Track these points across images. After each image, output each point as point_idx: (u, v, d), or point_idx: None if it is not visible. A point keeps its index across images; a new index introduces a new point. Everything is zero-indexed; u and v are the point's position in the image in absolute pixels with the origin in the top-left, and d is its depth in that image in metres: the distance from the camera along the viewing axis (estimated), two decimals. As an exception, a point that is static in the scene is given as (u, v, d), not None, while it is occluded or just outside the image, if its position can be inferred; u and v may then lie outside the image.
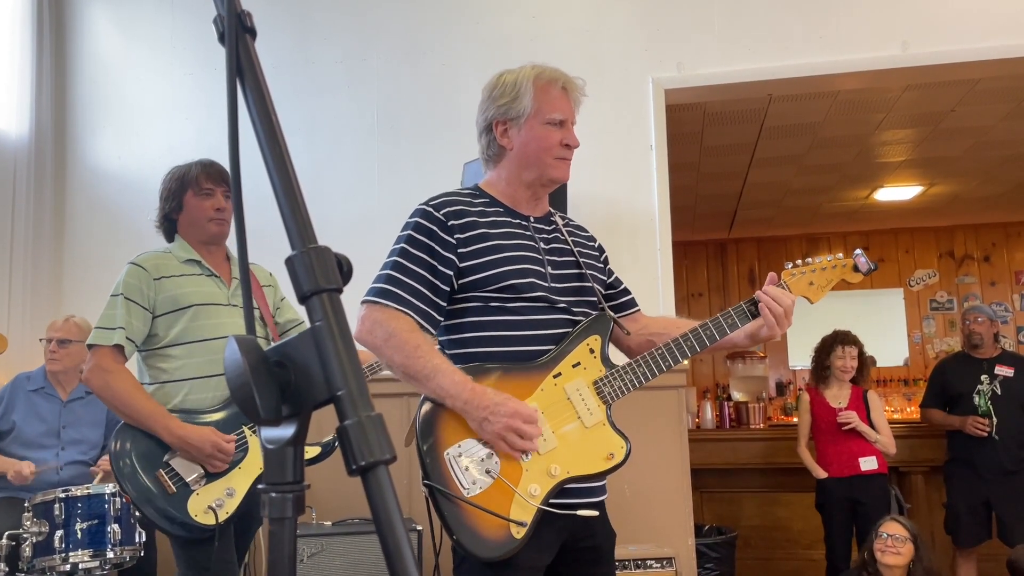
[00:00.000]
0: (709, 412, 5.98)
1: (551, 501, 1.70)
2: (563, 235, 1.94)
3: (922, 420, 4.99)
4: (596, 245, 2.05)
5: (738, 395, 6.80)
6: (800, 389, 6.55)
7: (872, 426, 4.40)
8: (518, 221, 1.88)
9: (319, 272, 0.54)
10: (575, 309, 1.87)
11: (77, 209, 4.45)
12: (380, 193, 4.20)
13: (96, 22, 4.60)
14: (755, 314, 1.87)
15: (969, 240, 8.00)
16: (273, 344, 0.56)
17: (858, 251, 2.06)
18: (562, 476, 1.71)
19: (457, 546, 1.64)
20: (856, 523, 4.37)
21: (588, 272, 1.93)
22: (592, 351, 1.82)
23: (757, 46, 3.97)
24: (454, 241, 1.77)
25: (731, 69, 3.98)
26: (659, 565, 3.15)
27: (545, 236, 1.91)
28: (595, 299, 1.92)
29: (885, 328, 7.68)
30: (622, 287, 2.06)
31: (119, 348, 2.34)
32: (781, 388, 7.79)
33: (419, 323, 1.73)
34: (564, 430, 1.75)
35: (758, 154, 5.67)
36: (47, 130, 4.35)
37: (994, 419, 4.41)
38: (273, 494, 0.54)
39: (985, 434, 4.39)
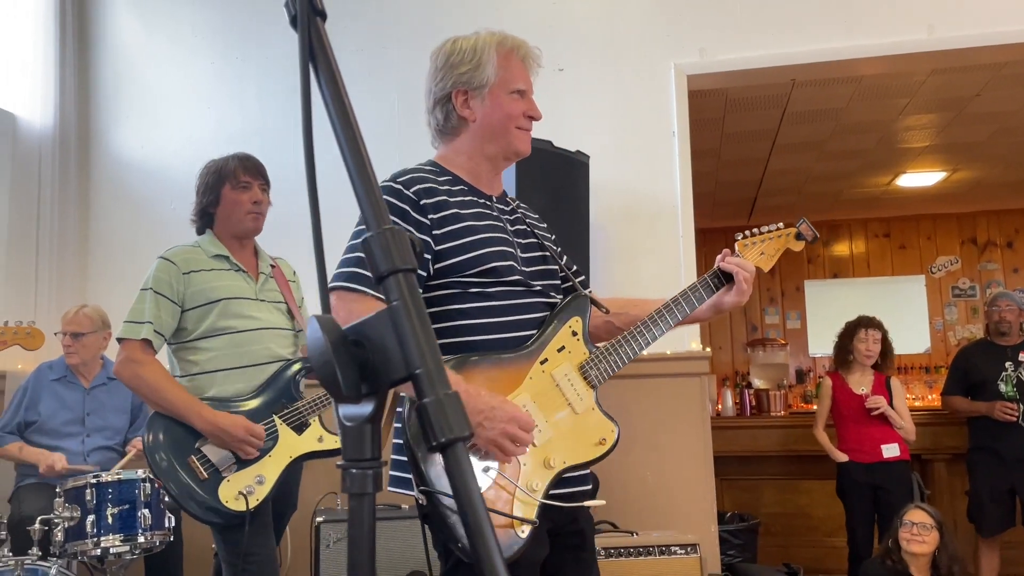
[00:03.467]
0: (729, 400, 5.97)
1: (551, 493, 1.64)
2: (522, 216, 1.89)
3: (944, 407, 4.96)
4: (546, 226, 1.99)
5: (759, 383, 6.78)
6: (821, 376, 6.53)
7: None
8: (483, 201, 1.79)
9: (395, 252, 0.54)
10: (551, 292, 1.82)
11: (101, 198, 4.49)
12: (401, 181, 4.20)
13: (118, 13, 4.62)
14: (718, 286, 1.90)
15: (992, 226, 7.92)
16: (351, 324, 0.57)
17: (802, 220, 2.11)
18: (559, 467, 1.66)
19: (461, 553, 1.55)
20: (878, 510, 4.36)
21: (550, 254, 1.88)
22: (575, 333, 1.77)
23: (780, 31, 3.94)
24: (428, 222, 1.66)
25: (754, 54, 3.95)
26: (683, 551, 3.15)
27: (508, 218, 1.84)
28: (560, 281, 1.88)
29: (906, 315, 7.62)
30: (575, 268, 2.00)
31: (147, 342, 2.38)
32: (801, 376, 7.76)
33: None
34: (557, 418, 1.69)
35: (779, 140, 5.64)
36: (71, 120, 4.38)
37: (1020, 406, 4.38)
38: (353, 471, 0.55)
39: (1014, 419, 4.36)
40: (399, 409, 1.66)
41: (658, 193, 3.96)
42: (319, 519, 3.22)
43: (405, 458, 1.61)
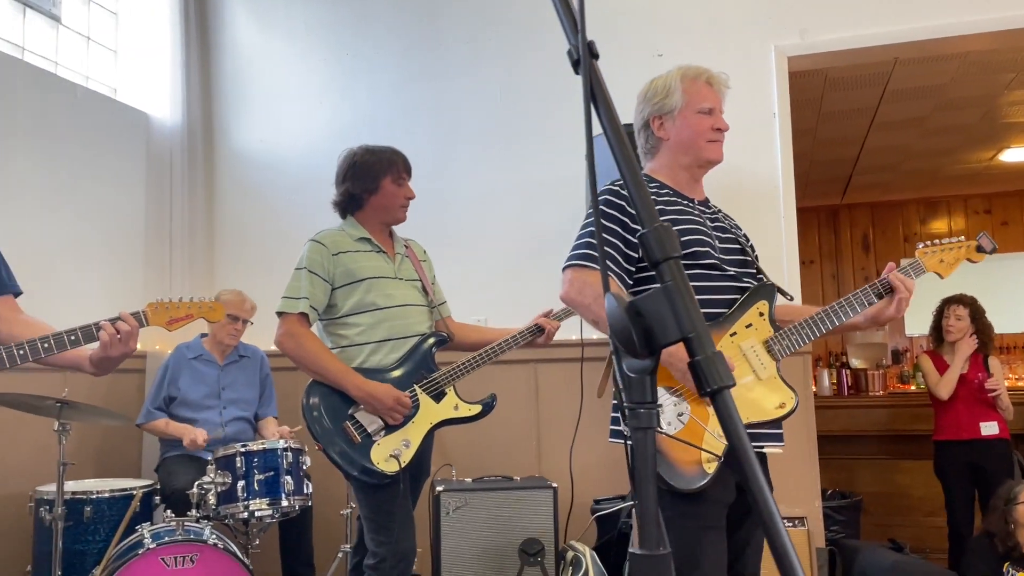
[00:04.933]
0: (826, 380, 5.97)
1: None
2: (721, 218, 2.19)
3: (1052, 387, 4.89)
4: (744, 233, 2.25)
5: (856, 362, 6.73)
6: (917, 356, 6.44)
7: None
8: (686, 203, 2.10)
9: (667, 244, 0.70)
10: (743, 278, 2.08)
11: (225, 189, 4.80)
12: (503, 168, 4.36)
13: (236, 15, 4.90)
14: (880, 296, 2.11)
15: (1100, 201, 7.63)
16: (629, 299, 0.72)
17: (982, 233, 2.27)
18: (743, 421, 1.91)
19: (660, 483, 1.84)
20: (978, 488, 4.35)
21: (746, 250, 2.15)
22: (761, 314, 2.03)
23: (882, 9, 3.92)
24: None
25: (855, 34, 3.95)
26: (791, 524, 3.26)
27: (709, 216, 2.14)
28: (755, 271, 2.13)
29: (1009, 293, 7.41)
30: (764, 273, 2.25)
31: (304, 316, 2.60)
32: (897, 356, 7.66)
33: (618, 285, 1.96)
34: (742, 382, 1.96)
35: (879, 118, 5.58)
36: (196, 118, 4.69)
37: None
38: (641, 410, 0.71)
39: None
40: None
41: (759, 175, 4.02)
42: (439, 488, 3.42)
43: (618, 414, 1.92)
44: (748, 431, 1.92)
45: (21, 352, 1.80)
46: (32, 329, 1.94)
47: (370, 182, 2.72)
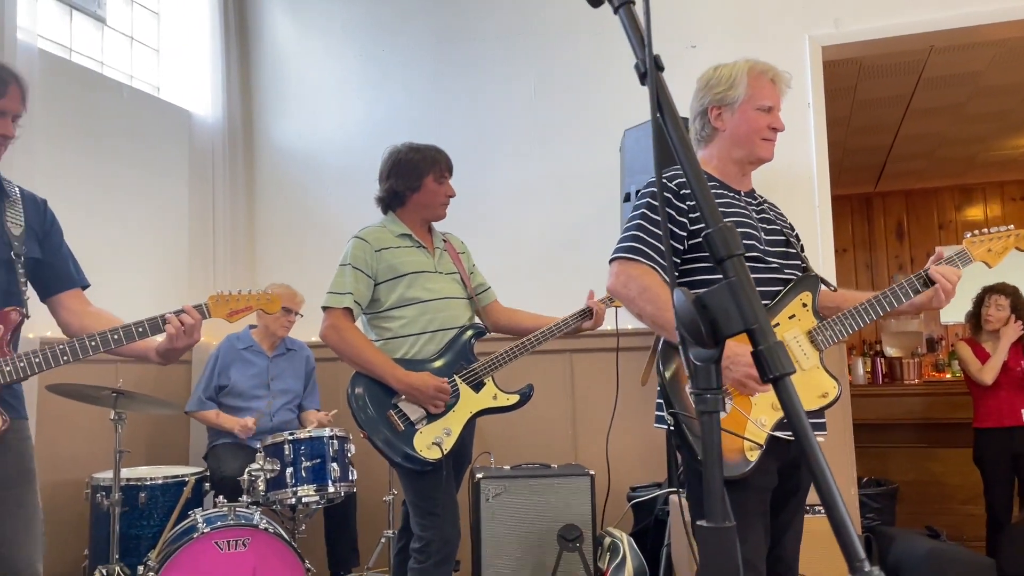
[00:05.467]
0: (860, 368, 5.97)
1: (775, 433, 1.93)
2: (767, 209, 2.20)
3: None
4: (789, 223, 2.27)
5: (891, 351, 6.71)
6: (952, 344, 6.41)
7: None
8: (732, 195, 2.12)
9: (731, 243, 0.76)
10: (785, 269, 2.10)
11: (265, 183, 4.90)
12: (538, 161, 4.41)
13: (274, 14, 5.00)
14: (926, 286, 2.12)
15: None
16: (694, 294, 0.78)
17: None
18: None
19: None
20: (1018, 476, 4.34)
21: (791, 241, 2.16)
22: (805, 305, 2.06)
23: (917, -3, 3.92)
24: (686, 207, 2.01)
25: (891, 22, 3.95)
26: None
27: (755, 208, 2.16)
28: (800, 262, 2.15)
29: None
30: (808, 264, 2.26)
31: (348, 310, 2.69)
32: (932, 344, 7.61)
33: (662, 278, 2.00)
34: None
35: (914, 106, 5.55)
36: (237, 115, 4.80)
37: None
38: (708, 395, 0.77)
39: None
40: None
41: (794, 164, 4.04)
42: (479, 475, 3.49)
43: (661, 400, 2.00)
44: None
45: (93, 344, 1.90)
46: (101, 321, 2.04)
47: (413, 180, 2.78)
